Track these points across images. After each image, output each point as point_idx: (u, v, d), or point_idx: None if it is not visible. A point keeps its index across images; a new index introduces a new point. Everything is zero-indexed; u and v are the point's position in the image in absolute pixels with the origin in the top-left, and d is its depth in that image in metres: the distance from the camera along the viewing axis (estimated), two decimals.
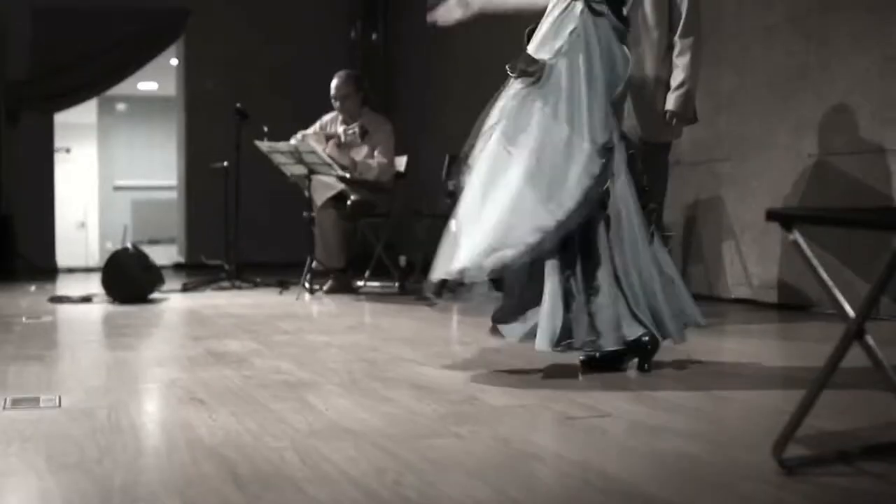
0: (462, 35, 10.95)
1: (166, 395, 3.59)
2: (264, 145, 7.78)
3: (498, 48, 10.06)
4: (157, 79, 16.37)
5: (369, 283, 8.35)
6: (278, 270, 9.25)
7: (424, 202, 9.45)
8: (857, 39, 6.05)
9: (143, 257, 7.53)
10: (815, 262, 2.31)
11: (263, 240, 10.86)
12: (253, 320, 6.04)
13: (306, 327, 5.68)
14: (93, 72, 11.78)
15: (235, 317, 6.27)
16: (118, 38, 11.69)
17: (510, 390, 3.60)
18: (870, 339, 2.24)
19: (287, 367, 4.14)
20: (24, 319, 6.18)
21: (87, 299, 7.39)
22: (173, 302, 7.38)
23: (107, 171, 19.80)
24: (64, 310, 6.86)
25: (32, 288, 8.77)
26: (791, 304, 6.45)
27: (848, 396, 3.23)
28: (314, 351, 4.68)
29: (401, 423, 3.05)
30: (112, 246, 19.53)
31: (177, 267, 12.39)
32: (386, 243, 8.38)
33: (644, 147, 5.36)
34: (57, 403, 3.37)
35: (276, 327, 5.64)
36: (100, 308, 6.99)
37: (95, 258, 19.43)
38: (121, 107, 19.44)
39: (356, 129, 7.95)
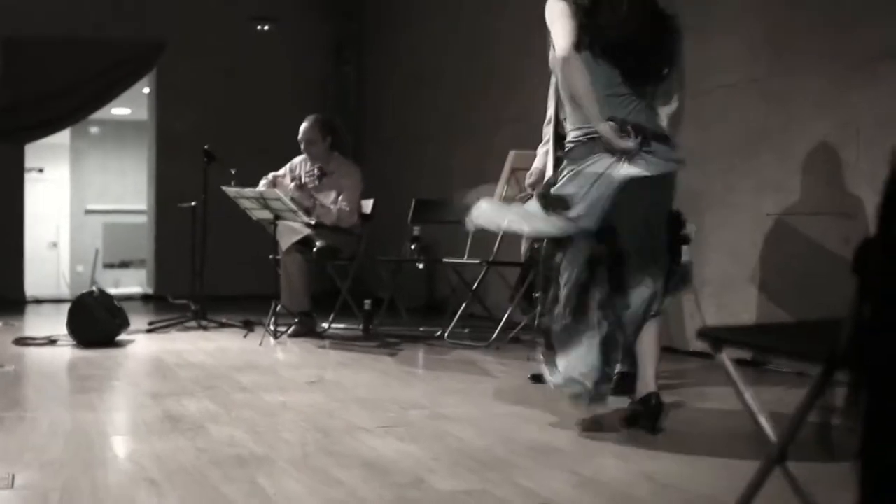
0: (434, 76, 11.07)
1: (119, 473, 3.63)
2: (231, 190, 7.84)
3: (469, 91, 10.20)
4: (130, 105, 16.40)
5: (334, 325, 8.41)
6: (246, 303, 9.32)
7: (391, 245, 9.56)
8: (816, 104, 6.16)
9: (109, 300, 7.56)
10: (740, 384, 2.39)
11: (232, 272, 10.89)
12: (214, 373, 6.08)
13: (265, 383, 5.72)
14: (65, 103, 11.78)
15: (197, 368, 6.31)
16: (91, 70, 11.72)
17: (457, 471, 3.66)
18: (790, 466, 2.31)
19: (241, 438, 4.19)
20: None
21: (52, 341, 7.43)
22: (138, 345, 7.43)
23: (79, 194, 19.81)
24: (29, 355, 6.89)
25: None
26: (747, 360, 6.53)
27: None
28: (270, 415, 4.73)
29: None
30: (83, 270, 19.59)
31: (145, 298, 12.43)
32: (351, 285, 8.42)
33: None
34: (10, 483, 3.41)
35: (236, 383, 5.69)
36: (65, 353, 7.03)
37: (67, 279, 19.45)
38: (94, 130, 19.44)
39: (315, 171, 8.03)
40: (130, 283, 18.34)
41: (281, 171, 8.47)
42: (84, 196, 19.83)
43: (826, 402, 2.14)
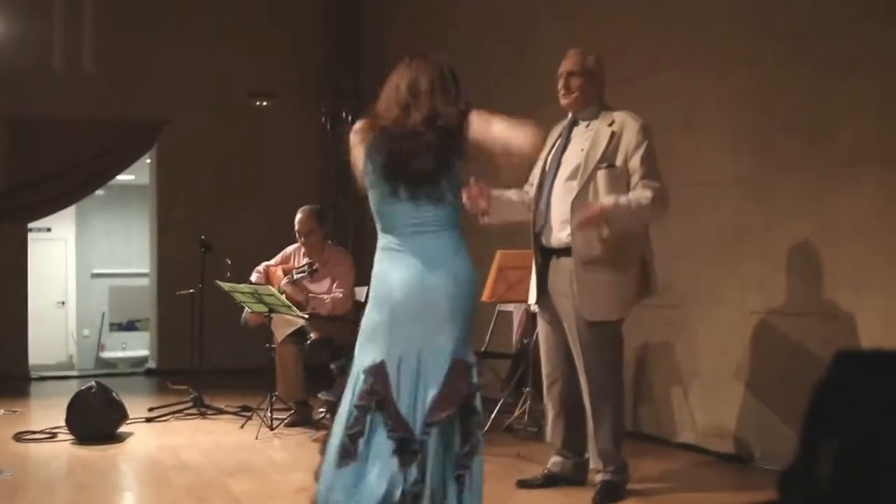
0: None
1: None
2: (226, 285, 7.97)
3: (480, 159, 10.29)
4: (134, 171, 16.58)
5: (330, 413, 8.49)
6: (246, 378, 9.35)
7: None
8: (798, 205, 6.25)
9: (107, 394, 7.66)
10: None
11: (232, 347, 10.97)
12: (206, 478, 6.16)
13: (255, 492, 5.79)
14: (67, 182, 11.96)
15: (191, 471, 6.40)
16: (93, 149, 11.90)
17: None
18: None
19: None
20: None
21: (52, 435, 7.55)
22: (136, 440, 7.54)
23: (84, 258, 19.94)
24: (27, 455, 7.01)
25: (1, 411, 8.91)
26: (734, 456, 6.61)
27: None
28: None
29: None
30: (89, 333, 19.71)
31: (148, 373, 12.55)
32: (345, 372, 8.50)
33: (588, 327, 5.49)
34: None
35: (227, 492, 5.77)
36: (63, 451, 7.13)
37: (74, 337, 19.57)
38: (99, 193, 19.59)
39: (306, 269, 8.14)
40: (136, 346, 18.47)
41: (273, 262, 8.59)
42: (90, 260, 19.97)
43: None
